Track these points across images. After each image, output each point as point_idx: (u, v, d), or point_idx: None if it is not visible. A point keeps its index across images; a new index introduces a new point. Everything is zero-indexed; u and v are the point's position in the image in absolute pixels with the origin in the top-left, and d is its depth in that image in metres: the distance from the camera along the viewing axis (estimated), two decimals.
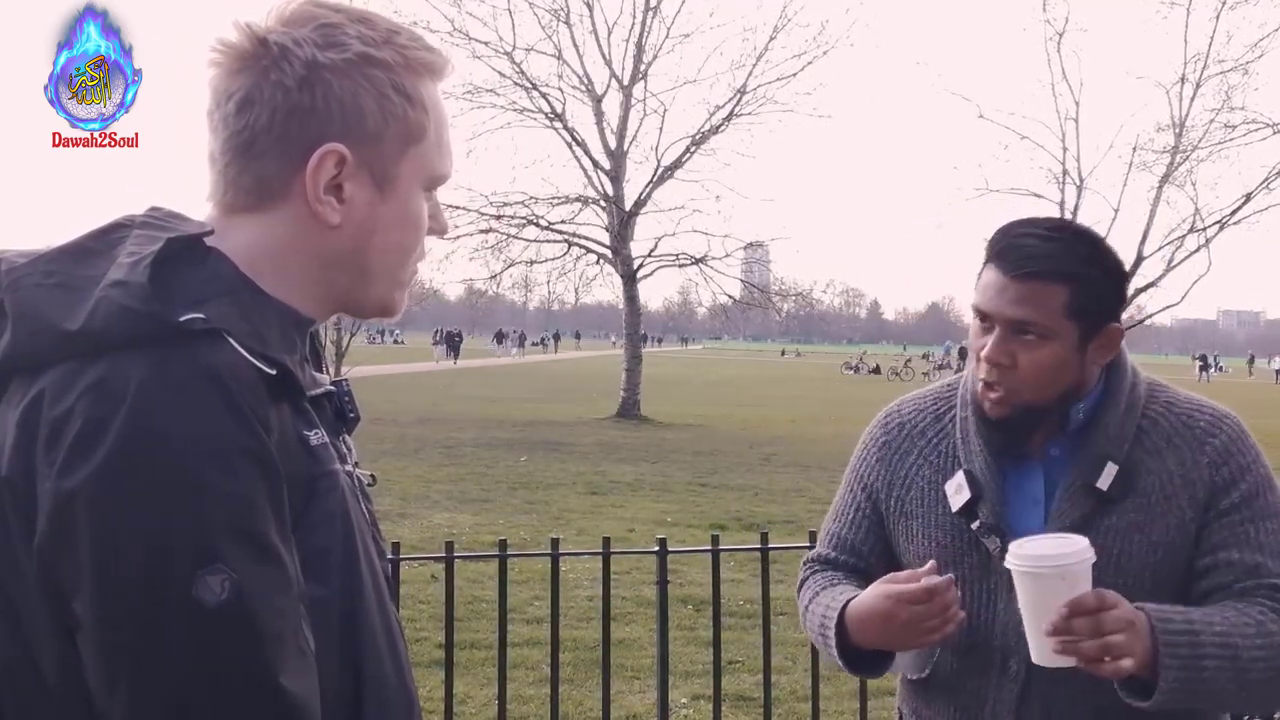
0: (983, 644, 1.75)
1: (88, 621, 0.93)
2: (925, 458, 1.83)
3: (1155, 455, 1.71)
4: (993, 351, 1.68)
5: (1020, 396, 1.69)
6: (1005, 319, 1.67)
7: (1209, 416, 1.74)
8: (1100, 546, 1.61)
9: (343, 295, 1.14)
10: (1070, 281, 1.65)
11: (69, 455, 0.93)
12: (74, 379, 0.96)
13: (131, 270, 1.00)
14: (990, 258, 1.70)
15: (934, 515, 1.79)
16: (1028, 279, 1.65)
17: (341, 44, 1.07)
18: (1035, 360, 1.67)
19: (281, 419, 1.02)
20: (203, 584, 0.92)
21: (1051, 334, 1.66)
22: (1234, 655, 1.55)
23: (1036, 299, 1.65)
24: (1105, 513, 1.70)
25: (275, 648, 0.95)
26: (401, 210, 1.13)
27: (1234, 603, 1.63)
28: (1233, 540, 1.67)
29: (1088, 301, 1.66)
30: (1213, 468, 1.70)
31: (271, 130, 1.06)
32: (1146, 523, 1.69)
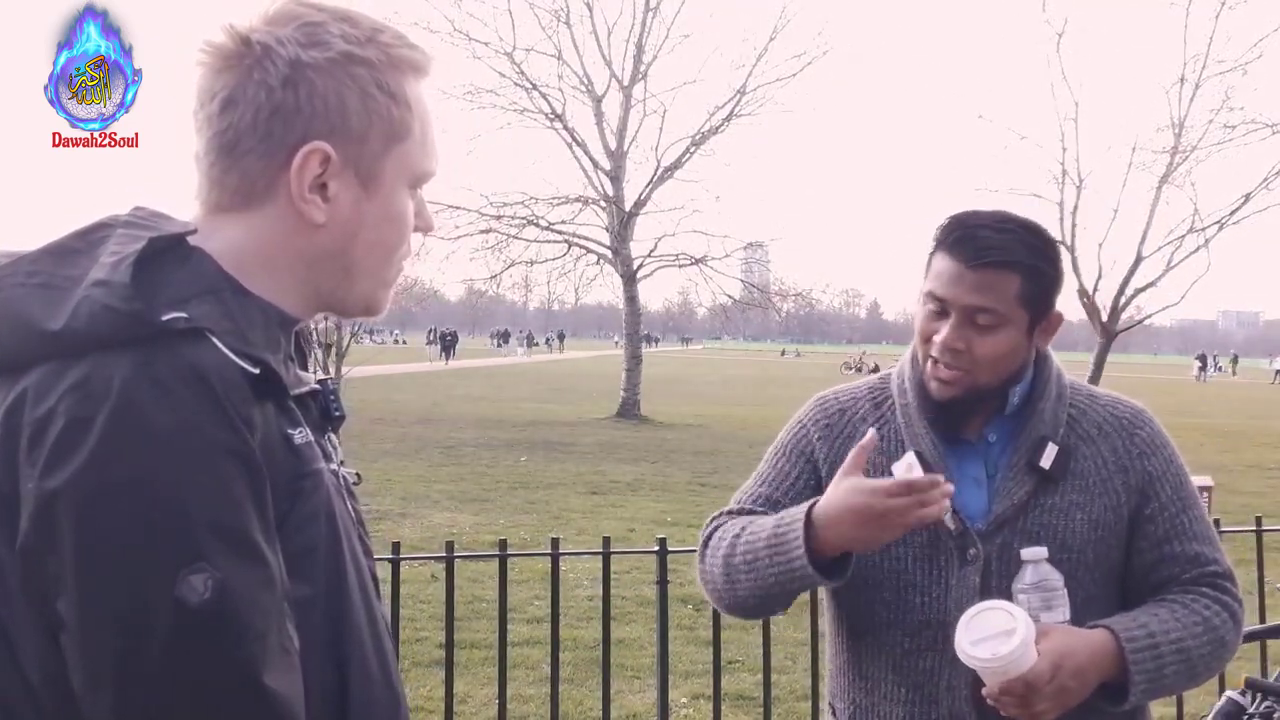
0: (935, 621, 1.77)
1: (71, 621, 0.93)
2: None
3: (1088, 441, 1.83)
4: (950, 337, 1.75)
5: (972, 379, 1.77)
6: (963, 306, 1.74)
7: (1131, 409, 1.89)
8: (1045, 523, 1.77)
9: (327, 294, 1.14)
10: (1022, 270, 1.74)
11: (51, 455, 0.93)
12: (56, 379, 0.96)
13: (114, 270, 1.00)
14: (943, 246, 1.77)
15: None
16: (984, 268, 1.73)
17: (325, 42, 1.07)
18: (991, 345, 1.75)
19: (265, 418, 1.01)
20: (186, 583, 0.92)
21: (1006, 320, 1.74)
22: (1187, 658, 1.72)
23: (993, 287, 1.73)
24: (1047, 491, 1.79)
25: (259, 646, 0.95)
26: (386, 208, 1.13)
27: (1182, 597, 1.78)
28: (1174, 533, 1.81)
29: (1037, 289, 1.76)
30: (1143, 458, 1.83)
31: (255, 130, 1.06)
32: (1086, 502, 1.79)
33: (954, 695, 1.76)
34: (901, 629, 1.80)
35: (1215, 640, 1.75)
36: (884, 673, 1.83)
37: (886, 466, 1.80)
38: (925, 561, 1.79)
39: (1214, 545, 1.84)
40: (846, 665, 1.91)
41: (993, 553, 1.76)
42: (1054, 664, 1.61)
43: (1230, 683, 3.44)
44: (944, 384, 1.78)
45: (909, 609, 1.79)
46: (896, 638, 1.81)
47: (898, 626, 1.80)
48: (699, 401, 28.43)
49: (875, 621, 1.83)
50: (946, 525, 1.75)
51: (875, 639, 1.84)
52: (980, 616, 1.63)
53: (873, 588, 1.82)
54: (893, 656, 1.82)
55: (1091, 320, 22.72)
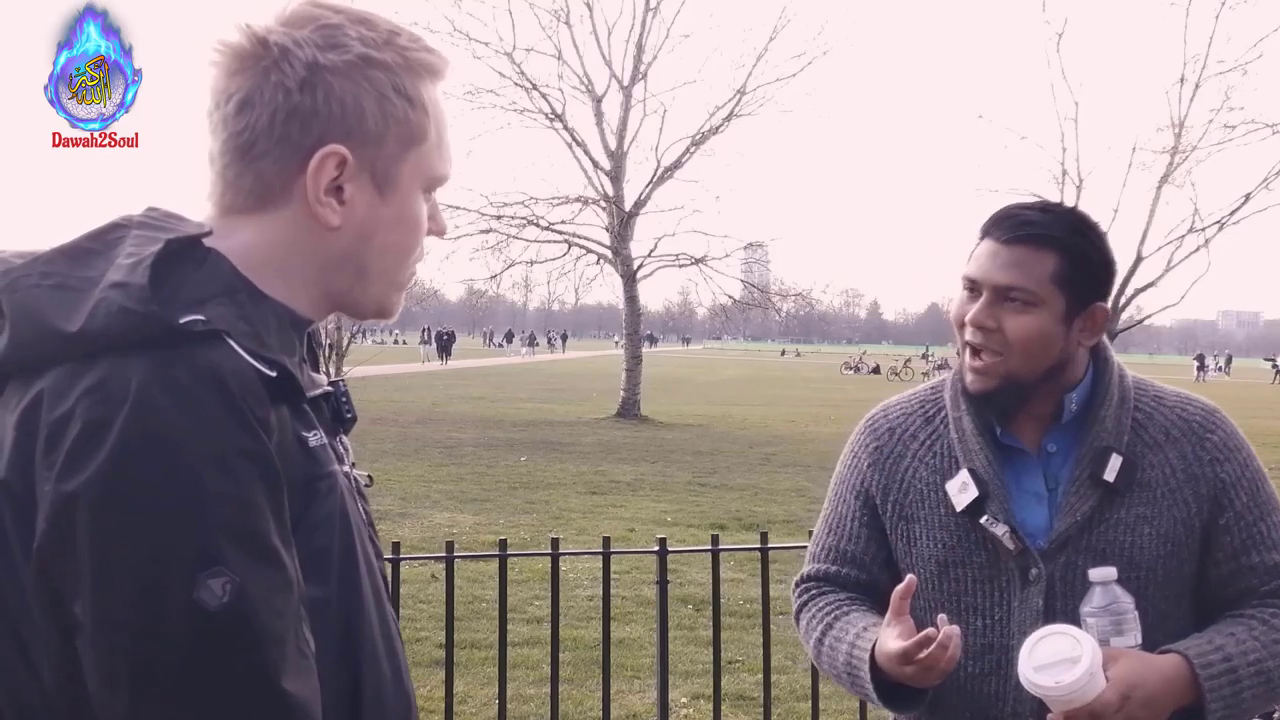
0: (998, 644, 1.71)
1: (88, 624, 0.93)
2: (921, 460, 1.81)
3: (1155, 449, 1.73)
4: (979, 314, 1.69)
5: (1006, 366, 1.69)
6: (993, 283, 1.69)
7: (1201, 411, 1.77)
8: (1111, 539, 1.67)
9: (341, 296, 1.14)
10: (1059, 249, 1.68)
11: (69, 457, 0.93)
12: (73, 381, 0.95)
13: (131, 272, 1.00)
14: (984, 232, 1.73)
15: (936, 517, 1.76)
16: (1018, 243, 1.68)
17: (343, 45, 1.07)
18: (1020, 325, 1.68)
19: (281, 421, 1.01)
20: (204, 587, 0.91)
21: (1038, 300, 1.67)
22: (1268, 679, 1.63)
23: (1025, 263, 1.67)
24: (1112, 505, 1.70)
25: (276, 650, 0.95)
26: (401, 212, 1.12)
27: (1261, 612, 1.68)
28: (1250, 543, 1.71)
29: (1075, 273, 1.68)
30: (1215, 464, 1.72)
31: (272, 132, 1.05)
32: (1154, 515, 1.70)
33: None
34: (964, 652, 1.71)
35: None
36: (948, 695, 1.75)
37: (940, 485, 1.76)
38: (986, 583, 1.72)
39: None
40: None
41: (1056, 572, 1.69)
42: (1122, 694, 1.53)
43: None
44: (978, 374, 1.71)
45: (971, 632, 1.72)
46: (959, 661, 1.73)
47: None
48: (699, 401, 28.42)
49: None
50: (1006, 545, 1.69)
51: None
52: (1045, 642, 1.56)
53: (933, 610, 1.75)
54: (956, 680, 1.73)
55: None
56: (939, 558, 1.76)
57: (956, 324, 1.75)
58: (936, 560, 1.76)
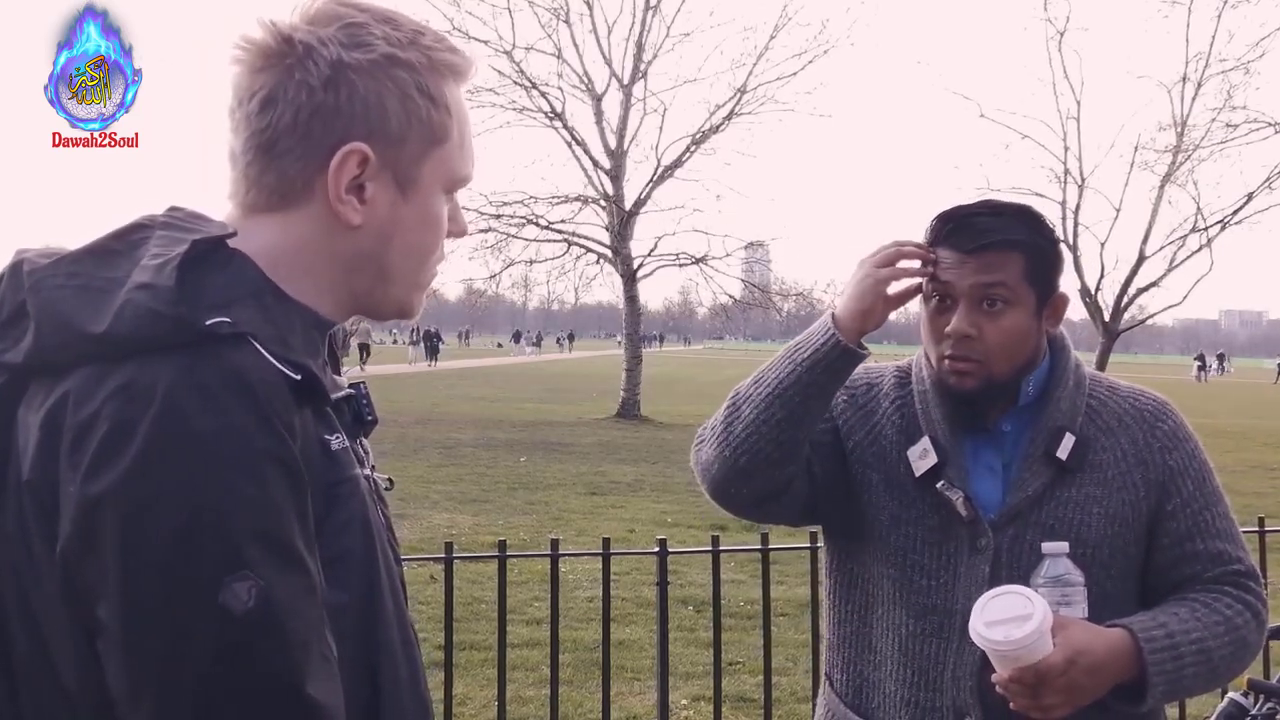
0: (942, 606, 1.75)
1: (112, 627, 0.92)
2: (889, 418, 1.85)
3: (1108, 433, 1.80)
4: (961, 323, 1.73)
5: (987, 368, 1.74)
6: (969, 287, 1.73)
7: (1153, 402, 1.85)
8: (1060, 516, 1.74)
9: (362, 296, 1.13)
10: (1024, 249, 1.74)
11: (95, 459, 0.92)
12: (99, 382, 0.95)
13: (158, 273, 0.99)
14: (940, 240, 1.76)
15: (896, 475, 1.81)
16: (986, 250, 1.72)
17: (367, 44, 1.06)
18: (1002, 329, 1.73)
19: (304, 424, 1.00)
20: (230, 591, 0.91)
21: (1015, 300, 1.73)
22: (1208, 659, 1.70)
23: (997, 266, 1.72)
24: (1063, 483, 1.76)
25: (302, 655, 0.94)
26: (423, 212, 1.12)
27: (1204, 596, 1.75)
28: (1195, 530, 1.78)
29: (1040, 267, 1.75)
30: (1165, 451, 1.79)
31: (295, 129, 1.05)
32: (1103, 496, 1.76)
33: (959, 686, 1.73)
34: (906, 609, 1.78)
35: (1237, 640, 1.72)
36: (889, 650, 1.81)
37: (904, 448, 1.81)
38: (935, 546, 1.77)
39: (1237, 543, 1.80)
40: (852, 637, 1.88)
41: (1004, 544, 1.74)
42: (1068, 658, 1.58)
43: (1233, 684, 3.44)
44: (962, 375, 1.75)
45: (915, 590, 1.77)
46: (901, 617, 1.79)
47: (902, 606, 1.79)
48: (699, 401, 28.42)
49: (881, 597, 1.82)
50: (960, 511, 1.74)
51: (882, 615, 1.82)
52: (998, 599, 1.60)
53: (880, 563, 1.81)
54: (899, 636, 1.79)
55: (1094, 319, 22.76)
56: (892, 512, 1.80)
57: (935, 337, 1.77)
58: (889, 513, 1.80)
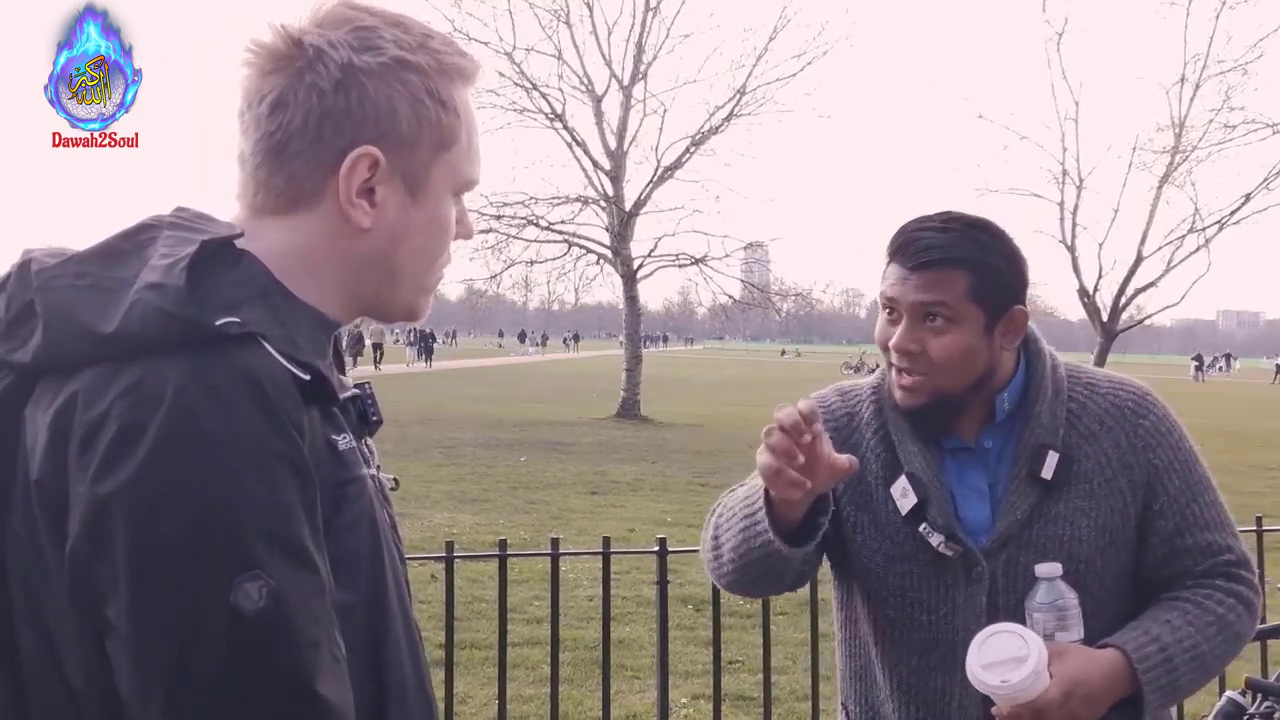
0: (944, 640, 1.74)
1: (122, 627, 0.92)
2: (872, 451, 1.82)
3: (1090, 439, 1.76)
4: (901, 339, 1.72)
5: (933, 382, 1.72)
6: (910, 304, 1.71)
7: (1133, 395, 1.81)
8: (1050, 534, 1.72)
9: (370, 299, 1.14)
10: (968, 267, 1.70)
11: (105, 459, 0.92)
12: (109, 382, 0.95)
13: (167, 273, 0.99)
14: (891, 256, 1.75)
15: (884, 512, 1.79)
16: (927, 268, 1.70)
17: (377, 47, 1.06)
18: (944, 345, 1.70)
19: (313, 424, 1.01)
20: (240, 591, 0.91)
21: (957, 318, 1.70)
22: (1201, 661, 1.69)
23: (939, 285, 1.70)
24: (1051, 500, 1.74)
25: (312, 655, 0.94)
26: (432, 215, 1.12)
27: (1195, 594, 1.73)
28: (1184, 525, 1.75)
29: (988, 285, 1.71)
30: (1148, 450, 1.76)
31: (305, 133, 1.05)
32: (1091, 507, 1.74)
33: (965, 716, 1.73)
34: (908, 647, 1.77)
35: (1229, 636, 1.72)
36: (893, 689, 1.80)
37: (889, 483, 1.78)
38: (931, 580, 1.75)
39: (1226, 530, 1.78)
40: (861, 671, 1.88)
41: (998, 570, 1.72)
42: (1065, 691, 1.57)
43: (1231, 683, 3.44)
44: (907, 391, 1.74)
45: (915, 627, 1.76)
46: (903, 655, 1.78)
47: (903, 644, 1.78)
48: (699, 401, 28.42)
49: (881, 637, 1.81)
50: (944, 554, 1.72)
51: (883, 654, 1.82)
52: (992, 640, 1.60)
53: (877, 603, 1.80)
54: (900, 674, 1.79)
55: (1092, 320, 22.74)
56: (886, 552, 1.78)
57: (881, 346, 1.78)
58: (883, 554, 1.78)
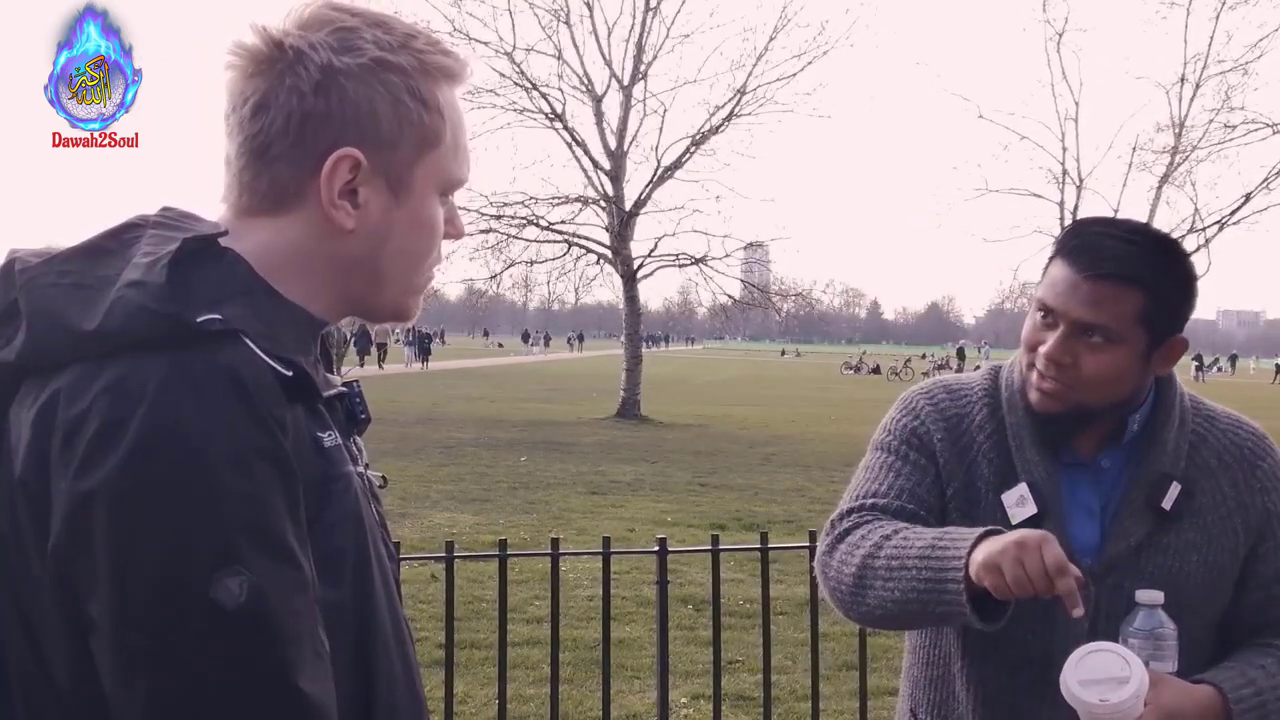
0: (1038, 659, 1.66)
1: (104, 624, 0.93)
2: (984, 455, 1.74)
3: (1208, 474, 1.70)
4: (1055, 349, 1.62)
5: (1074, 396, 1.64)
6: (1073, 319, 1.61)
7: (1252, 437, 1.75)
8: (1160, 564, 1.66)
9: (357, 299, 1.14)
10: (1146, 288, 1.60)
11: (86, 456, 0.92)
12: (90, 379, 0.95)
13: (148, 270, 1.00)
14: (1062, 253, 1.65)
15: (991, 519, 1.69)
16: (1102, 280, 1.59)
17: (357, 48, 1.06)
18: (1099, 363, 1.62)
19: (296, 421, 1.01)
20: (221, 586, 0.91)
21: (1119, 339, 1.61)
22: None
23: (1110, 301, 1.59)
24: (1164, 530, 1.68)
25: (293, 650, 0.95)
26: (416, 216, 1.12)
27: None
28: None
29: (1160, 310, 1.61)
30: (1265, 493, 1.71)
31: (287, 135, 1.05)
32: (1204, 543, 1.68)
33: None
34: (998, 663, 1.70)
35: None
36: (976, 704, 1.73)
37: (1000, 490, 1.71)
38: (1033, 597, 1.67)
39: None
40: (938, 680, 1.80)
41: (1104, 594, 1.66)
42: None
43: None
44: (1045, 395, 1.65)
45: (1011, 643, 1.67)
46: (990, 671, 1.71)
47: (995, 659, 1.71)
48: (699, 401, 28.42)
49: (969, 649, 1.74)
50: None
51: (968, 667, 1.75)
52: (1092, 656, 1.52)
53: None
54: (985, 690, 1.71)
55: None
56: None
57: (1028, 347, 1.68)
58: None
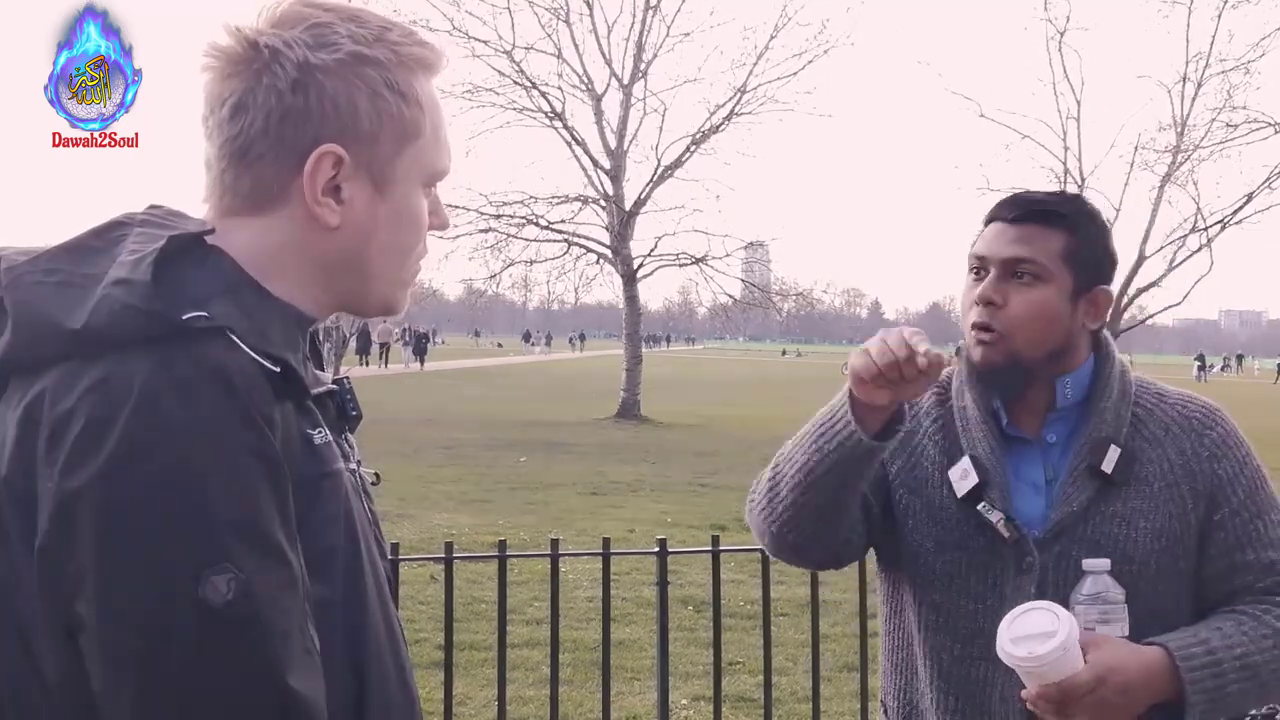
0: (988, 629, 1.68)
1: (91, 623, 0.93)
2: (930, 438, 1.81)
3: (1154, 444, 1.74)
4: (987, 289, 1.70)
5: (1011, 343, 1.70)
6: (1002, 259, 1.71)
7: (1202, 408, 1.79)
8: (1106, 531, 1.69)
9: (344, 295, 1.14)
10: (1068, 228, 1.71)
11: (72, 455, 0.92)
12: (76, 378, 0.95)
13: (134, 268, 1.00)
14: (992, 216, 1.76)
15: (939, 498, 1.78)
16: (1027, 220, 1.71)
17: (333, 44, 1.06)
18: (1028, 300, 1.69)
19: (285, 417, 1.01)
20: (209, 584, 0.91)
21: (1047, 275, 1.69)
22: (1254, 674, 1.63)
23: (1035, 239, 1.70)
24: (1109, 498, 1.71)
25: (282, 648, 0.95)
26: (401, 209, 1.12)
27: (1254, 608, 1.68)
28: (1246, 540, 1.72)
29: (1083, 251, 1.71)
30: (1213, 460, 1.74)
31: (267, 134, 1.05)
32: (1150, 509, 1.71)
33: (1009, 707, 1.69)
34: (950, 634, 1.76)
35: None
36: (933, 678, 1.78)
37: (946, 468, 1.77)
38: (980, 568, 1.73)
39: None
40: (901, 665, 1.86)
41: (1049, 562, 1.70)
42: (1097, 676, 1.53)
43: None
44: (984, 346, 1.71)
45: (961, 615, 1.74)
46: (945, 643, 1.77)
47: (946, 631, 1.76)
48: (699, 402, 28.42)
49: (925, 624, 1.80)
50: (1001, 533, 1.70)
51: (925, 641, 1.80)
52: (1025, 616, 1.58)
53: (924, 589, 1.78)
54: (941, 662, 1.77)
55: None
56: (936, 537, 1.77)
57: (965, 307, 1.76)
58: (934, 539, 1.77)
